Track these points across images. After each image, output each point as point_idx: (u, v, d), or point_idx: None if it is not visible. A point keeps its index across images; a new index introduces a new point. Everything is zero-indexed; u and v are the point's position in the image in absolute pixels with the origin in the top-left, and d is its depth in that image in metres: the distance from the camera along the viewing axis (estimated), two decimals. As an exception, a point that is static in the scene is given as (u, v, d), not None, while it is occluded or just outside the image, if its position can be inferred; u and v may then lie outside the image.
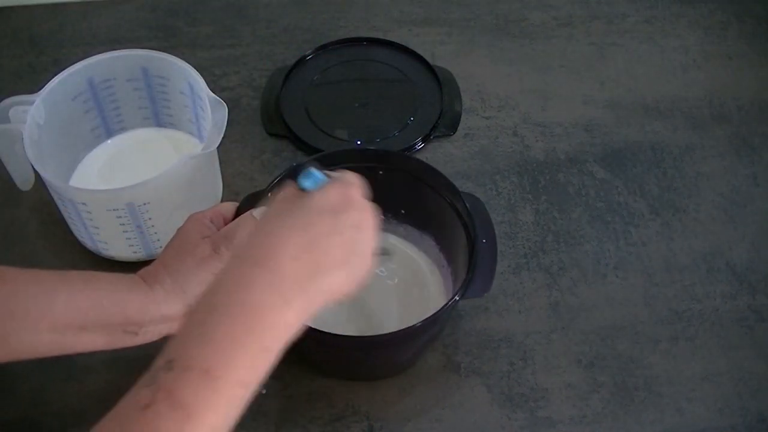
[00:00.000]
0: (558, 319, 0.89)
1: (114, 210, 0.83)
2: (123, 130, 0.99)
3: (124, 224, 0.85)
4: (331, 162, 0.83)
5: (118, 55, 0.91)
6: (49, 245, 0.94)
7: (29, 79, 1.09)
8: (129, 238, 0.87)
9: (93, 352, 0.85)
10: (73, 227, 0.90)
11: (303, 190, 0.63)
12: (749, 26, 1.18)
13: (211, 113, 0.85)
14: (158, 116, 0.98)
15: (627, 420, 0.83)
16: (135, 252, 0.89)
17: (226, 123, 0.84)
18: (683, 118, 1.08)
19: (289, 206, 0.62)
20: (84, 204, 0.83)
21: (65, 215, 0.88)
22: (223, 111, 0.85)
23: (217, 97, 0.86)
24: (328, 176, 0.65)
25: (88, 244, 0.90)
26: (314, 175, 0.64)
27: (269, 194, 0.80)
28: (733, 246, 0.96)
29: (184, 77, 0.90)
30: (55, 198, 0.87)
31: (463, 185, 0.99)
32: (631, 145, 1.05)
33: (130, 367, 0.85)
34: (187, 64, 0.90)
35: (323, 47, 1.11)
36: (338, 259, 0.60)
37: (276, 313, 0.57)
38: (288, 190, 0.64)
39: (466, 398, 0.84)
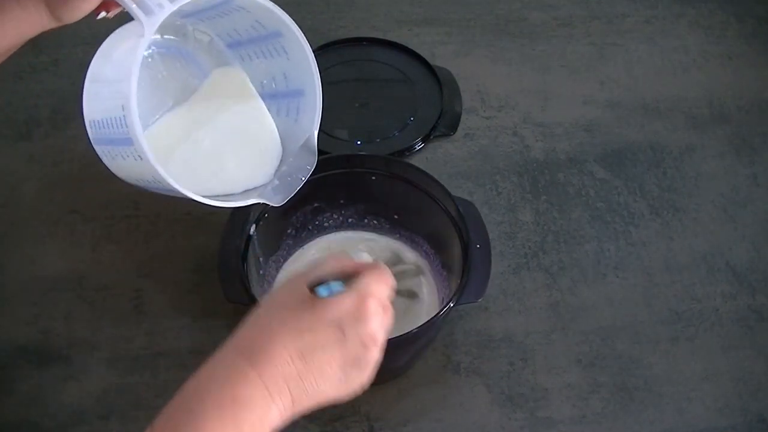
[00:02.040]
0: (558, 319, 0.89)
1: None
2: None
3: None
4: (325, 167, 0.83)
5: None
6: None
7: (29, 79, 1.09)
8: None
9: (93, 352, 0.86)
10: None
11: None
12: (749, 26, 1.18)
13: None
14: None
15: (627, 420, 0.83)
16: None
17: None
18: (683, 118, 1.08)
19: (297, 305, 0.60)
20: None
21: None
22: None
23: None
24: (345, 284, 0.61)
25: None
26: (332, 286, 0.61)
27: None
28: (733, 246, 0.96)
29: None
30: None
31: (462, 185, 0.99)
32: (631, 145, 1.05)
33: (130, 367, 0.86)
34: None
35: (323, 47, 1.11)
36: (333, 373, 0.59)
37: (261, 411, 0.57)
38: (299, 284, 0.61)
39: (466, 398, 0.84)
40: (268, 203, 0.79)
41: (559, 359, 0.86)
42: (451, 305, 0.77)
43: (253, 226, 0.83)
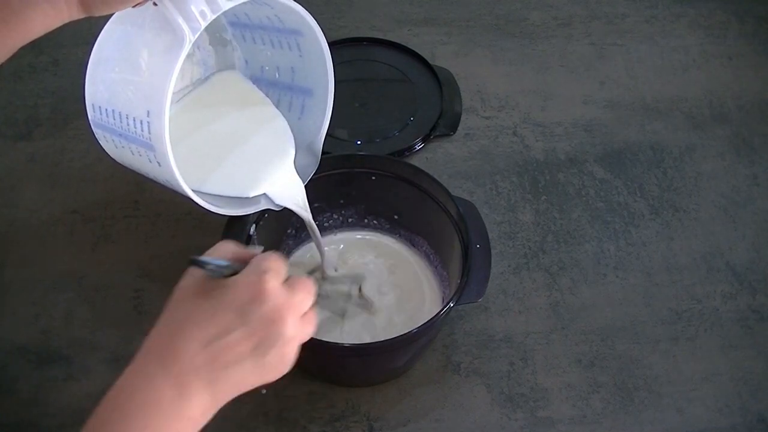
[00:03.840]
0: (558, 319, 0.89)
1: None
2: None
3: None
4: (325, 167, 0.83)
5: None
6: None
7: (29, 79, 1.09)
8: None
9: (93, 352, 0.86)
10: None
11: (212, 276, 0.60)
12: (749, 26, 1.18)
13: None
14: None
15: (627, 420, 0.83)
16: None
17: None
18: (683, 118, 1.08)
19: (196, 296, 0.59)
20: None
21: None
22: None
23: None
24: (234, 267, 0.60)
25: None
26: (216, 267, 0.60)
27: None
28: (733, 246, 0.96)
29: None
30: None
31: (462, 185, 0.99)
32: (631, 145, 1.05)
33: (130, 367, 0.86)
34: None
35: (323, 47, 1.11)
36: (242, 353, 0.58)
37: (175, 409, 0.57)
38: (195, 275, 0.61)
39: (466, 398, 0.84)
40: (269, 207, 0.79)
41: (559, 359, 0.86)
42: (451, 305, 0.77)
43: (253, 226, 0.83)
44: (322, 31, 0.77)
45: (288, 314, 0.59)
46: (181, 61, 0.65)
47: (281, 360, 0.60)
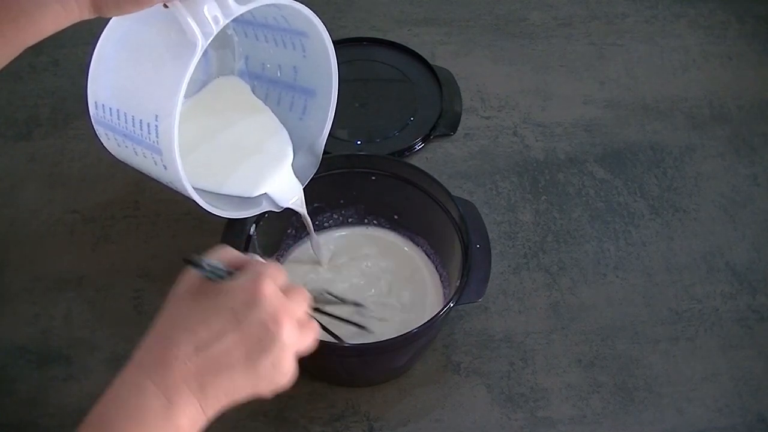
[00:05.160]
0: (558, 319, 0.89)
1: None
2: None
3: None
4: (325, 167, 0.83)
5: None
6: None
7: (29, 79, 1.09)
8: None
9: (93, 352, 0.86)
10: None
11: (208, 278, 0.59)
12: (749, 26, 1.18)
13: None
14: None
15: (627, 420, 0.83)
16: None
17: None
18: (683, 118, 1.08)
19: (189, 301, 0.58)
20: None
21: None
22: None
23: None
24: (229, 270, 0.59)
25: None
26: (211, 268, 0.58)
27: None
28: (733, 246, 0.96)
29: None
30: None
31: (462, 185, 0.99)
32: (631, 145, 1.05)
33: (130, 367, 0.86)
34: None
35: (323, 47, 1.11)
36: (235, 359, 0.56)
37: (163, 420, 0.55)
38: (190, 278, 0.59)
39: (466, 398, 0.84)
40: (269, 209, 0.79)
41: (559, 359, 0.86)
42: (451, 305, 0.77)
43: (253, 226, 0.83)
44: (324, 32, 0.77)
45: (284, 319, 0.57)
46: (193, 66, 0.64)
47: (275, 368, 0.57)
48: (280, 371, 0.58)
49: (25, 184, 0.99)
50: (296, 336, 0.58)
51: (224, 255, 0.61)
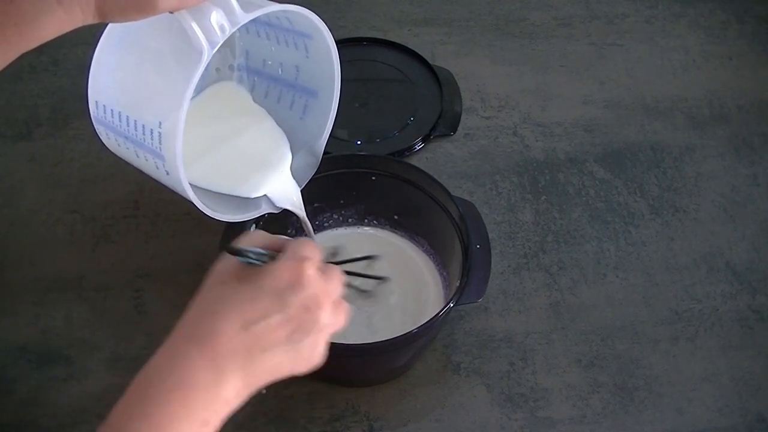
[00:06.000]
0: (558, 319, 0.89)
1: None
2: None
3: None
4: (325, 167, 0.83)
5: None
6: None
7: (29, 79, 1.09)
8: None
9: (93, 352, 0.86)
10: None
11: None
12: (749, 26, 1.18)
13: None
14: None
15: (627, 420, 0.83)
16: None
17: None
18: (683, 118, 1.08)
19: (233, 280, 0.60)
20: None
21: None
22: None
23: None
24: (271, 255, 0.61)
25: None
26: (256, 255, 0.60)
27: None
28: (733, 246, 0.96)
29: None
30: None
31: (462, 185, 0.99)
32: (631, 145, 1.05)
33: (130, 367, 0.85)
34: None
35: (323, 47, 1.11)
36: (279, 339, 0.58)
37: (211, 390, 0.57)
38: (229, 261, 0.61)
39: (466, 398, 0.84)
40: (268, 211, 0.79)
41: (559, 359, 0.86)
42: (451, 305, 0.77)
43: (253, 226, 0.83)
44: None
45: (324, 301, 0.59)
46: (199, 75, 0.64)
47: (313, 349, 0.60)
48: (318, 351, 0.60)
49: (25, 184, 0.99)
50: (333, 317, 0.60)
51: (259, 239, 0.63)
